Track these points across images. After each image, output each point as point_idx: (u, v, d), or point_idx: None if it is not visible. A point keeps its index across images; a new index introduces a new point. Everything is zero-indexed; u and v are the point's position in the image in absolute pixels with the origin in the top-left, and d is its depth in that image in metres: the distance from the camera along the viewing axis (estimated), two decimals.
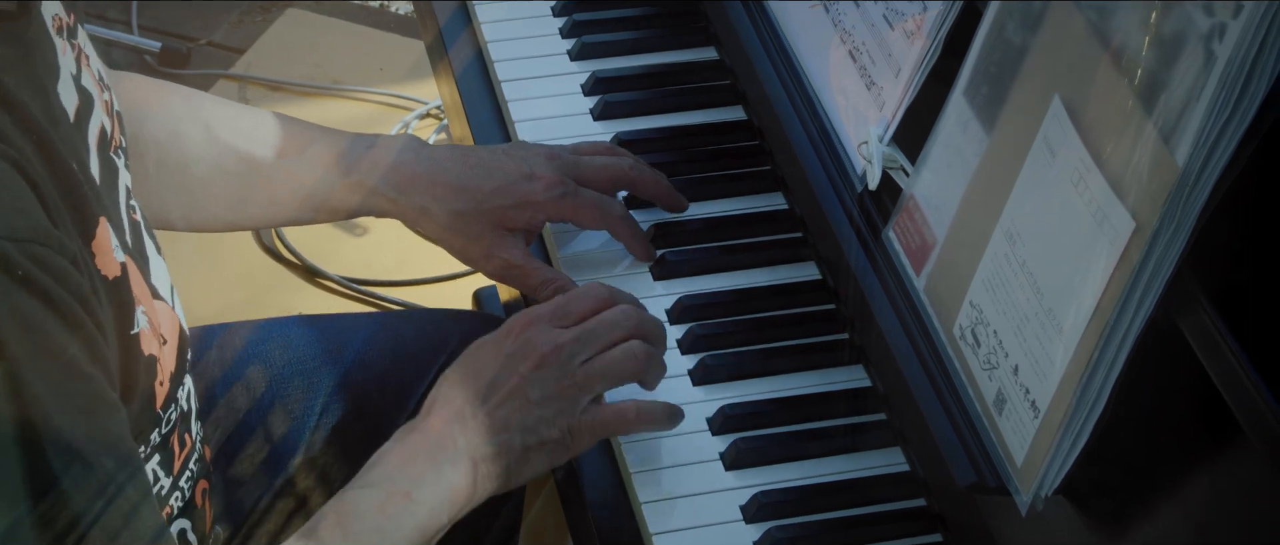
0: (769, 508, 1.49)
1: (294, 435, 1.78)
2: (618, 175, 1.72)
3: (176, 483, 1.48)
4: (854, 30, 1.65)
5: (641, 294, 1.66)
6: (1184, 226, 1.23)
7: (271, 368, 1.80)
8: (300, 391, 1.80)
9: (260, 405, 1.78)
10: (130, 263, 1.36)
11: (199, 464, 1.52)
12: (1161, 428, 1.31)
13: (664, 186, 1.73)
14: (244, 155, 1.70)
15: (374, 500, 1.44)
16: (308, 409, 1.79)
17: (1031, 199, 1.36)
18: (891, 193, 1.56)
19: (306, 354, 1.82)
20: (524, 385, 1.48)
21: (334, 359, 1.82)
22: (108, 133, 1.42)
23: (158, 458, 1.44)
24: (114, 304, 1.32)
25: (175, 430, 1.46)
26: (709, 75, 1.89)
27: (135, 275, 1.37)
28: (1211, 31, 1.20)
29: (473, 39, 1.95)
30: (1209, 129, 1.20)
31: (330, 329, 1.86)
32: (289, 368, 1.81)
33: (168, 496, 1.47)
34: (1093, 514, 1.33)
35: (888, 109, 1.58)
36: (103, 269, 1.31)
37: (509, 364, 1.49)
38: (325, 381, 1.81)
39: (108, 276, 1.32)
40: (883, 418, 1.56)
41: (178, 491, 1.48)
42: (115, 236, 1.34)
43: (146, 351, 1.37)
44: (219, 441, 1.76)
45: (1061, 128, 1.32)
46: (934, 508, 1.49)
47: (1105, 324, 1.27)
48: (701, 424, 1.56)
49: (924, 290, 1.49)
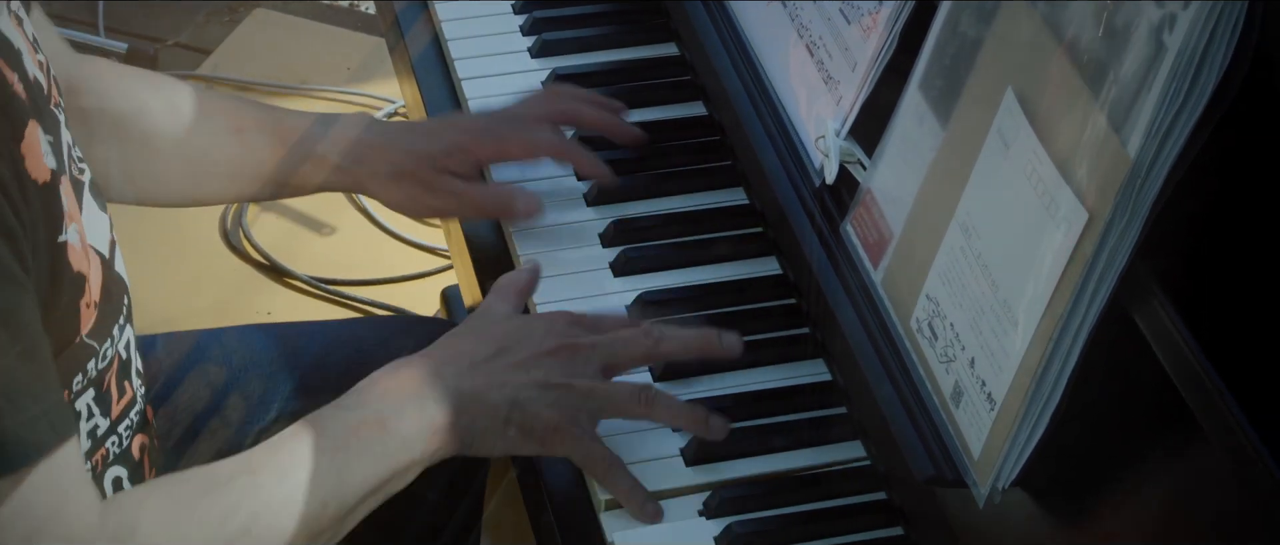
0: (729, 503, 1.49)
1: (244, 433, 1.79)
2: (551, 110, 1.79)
3: (114, 428, 1.48)
4: (811, 25, 1.65)
5: (601, 290, 1.66)
6: (1137, 217, 1.23)
7: (229, 369, 1.82)
8: (256, 393, 1.81)
9: (215, 404, 1.79)
10: (66, 181, 1.38)
11: (139, 417, 1.53)
12: (1118, 420, 1.31)
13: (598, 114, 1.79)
14: (207, 131, 1.75)
15: (347, 422, 1.44)
16: (263, 410, 1.80)
17: (986, 192, 1.36)
18: (849, 187, 1.56)
19: (264, 357, 1.83)
20: (534, 362, 1.49)
21: (292, 362, 1.83)
22: (41, 84, 1.43)
23: (92, 393, 1.44)
24: (42, 206, 1.33)
25: (113, 371, 1.46)
26: (669, 72, 1.89)
27: (69, 194, 1.38)
28: (1162, 22, 1.20)
29: (434, 38, 1.95)
30: (1160, 120, 1.20)
31: (289, 333, 1.87)
32: (246, 370, 1.82)
33: (103, 438, 1.47)
34: (1050, 506, 1.33)
35: (845, 103, 1.59)
36: (31, 172, 1.32)
37: (527, 340, 1.50)
38: (282, 385, 1.82)
39: (36, 179, 1.33)
40: (843, 412, 1.56)
41: (114, 436, 1.49)
42: (48, 146, 1.36)
43: (75, 267, 1.38)
44: (175, 437, 1.76)
45: (1014, 120, 1.33)
46: (894, 501, 1.49)
47: (1060, 316, 1.27)
48: None
49: (881, 283, 1.49)
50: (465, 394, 1.47)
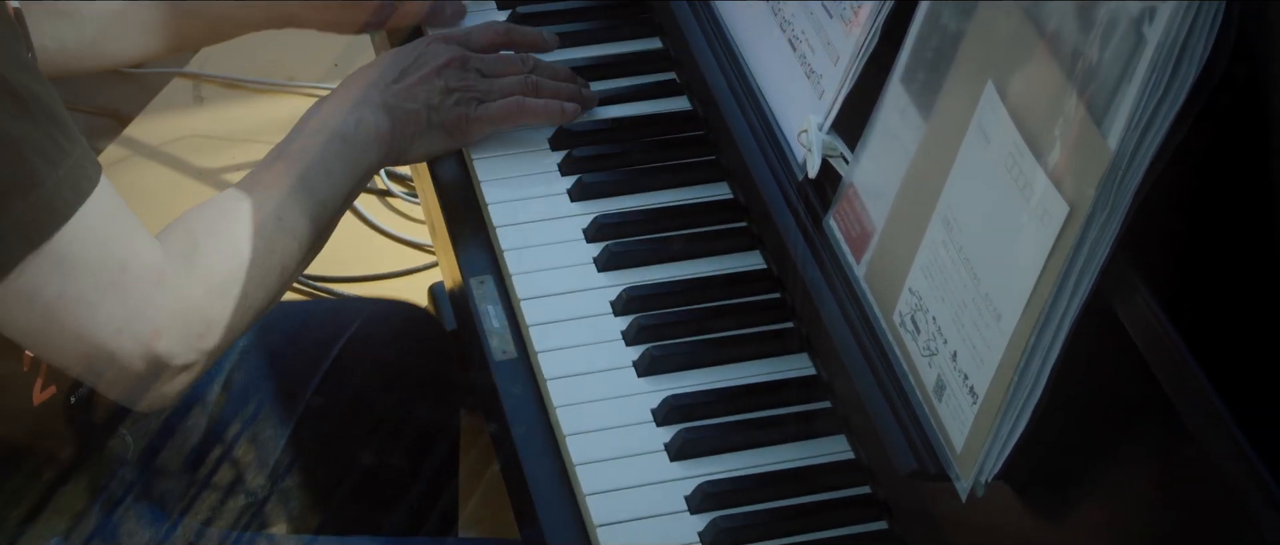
0: (714, 497, 1.49)
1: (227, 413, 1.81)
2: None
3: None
4: (794, 19, 1.65)
5: (586, 286, 1.66)
6: (1118, 210, 1.23)
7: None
8: (232, 368, 1.83)
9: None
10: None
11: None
12: (1100, 412, 1.31)
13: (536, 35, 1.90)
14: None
15: (315, 143, 1.68)
16: (242, 395, 1.82)
17: (967, 185, 1.36)
18: (832, 181, 1.56)
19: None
20: (433, 75, 1.75)
21: (263, 333, 1.89)
22: None
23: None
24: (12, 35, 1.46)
25: None
26: (653, 67, 1.89)
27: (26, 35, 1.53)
28: (1142, 15, 1.20)
29: (417, 33, 1.95)
30: (1141, 112, 1.20)
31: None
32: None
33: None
34: (1033, 499, 1.33)
35: (827, 97, 1.59)
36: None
37: (420, 59, 1.76)
38: (253, 356, 1.87)
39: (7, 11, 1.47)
40: (827, 406, 1.56)
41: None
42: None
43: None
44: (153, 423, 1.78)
45: (995, 113, 1.33)
46: (879, 495, 1.49)
47: (1041, 309, 1.27)
48: (646, 415, 1.56)
49: (864, 277, 1.49)
50: (389, 107, 1.72)
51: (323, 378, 1.90)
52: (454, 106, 1.76)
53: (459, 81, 1.76)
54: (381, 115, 1.71)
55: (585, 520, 1.48)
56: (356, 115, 1.70)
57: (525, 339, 1.63)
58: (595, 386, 1.57)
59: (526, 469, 1.53)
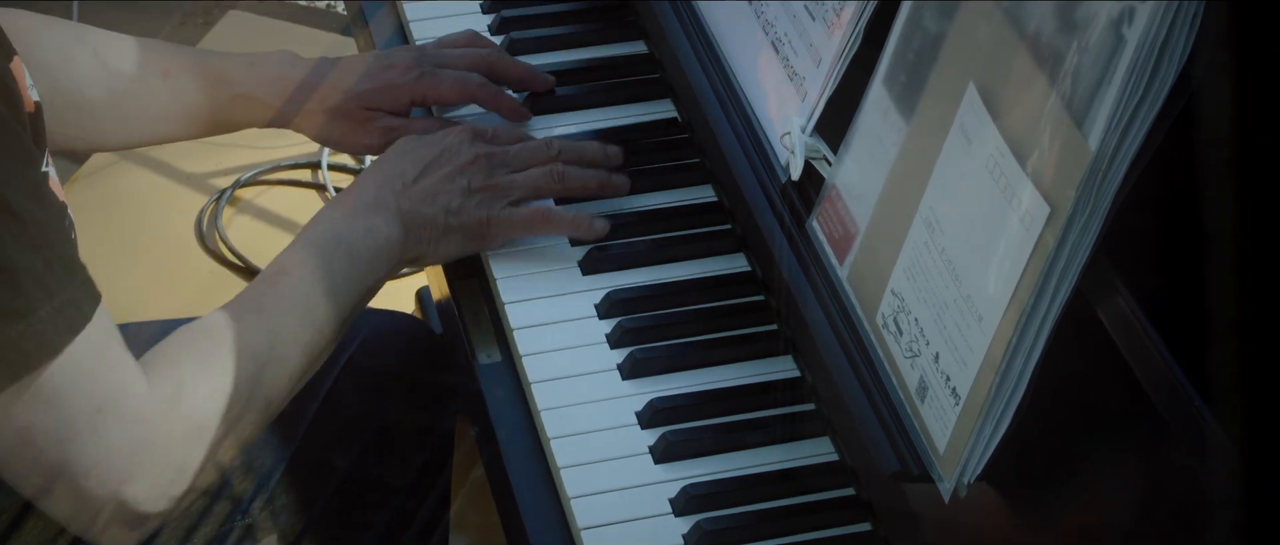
0: (698, 500, 1.49)
1: None
2: (477, 61, 1.82)
3: None
4: (777, 22, 1.66)
5: (570, 288, 1.66)
6: (1098, 211, 1.23)
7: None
8: None
9: None
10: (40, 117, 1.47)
11: None
12: (1081, 413, 1.31)
13: (525, 68, 1.83)
14: (135, 78, 1.80)
15: (321, 258, 1.60)
16: None
17: (949, 186, 1.36)
18: (815, 183, 1.56)
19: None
20: (455, 174, 1.66)
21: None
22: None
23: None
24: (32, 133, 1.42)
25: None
26: (638, 70, 1.89)
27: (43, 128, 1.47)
28: (1121, 15, 1.21)
29: (402, 38, 1.95)
30: (1120, 113, 1.21)
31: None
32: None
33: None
34: (1016, 499, 1.33)
35: (810, 99, 1.59)
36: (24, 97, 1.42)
37: (442, 157, 1.67)
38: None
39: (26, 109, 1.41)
40: (811, 408, 1.56)
41: None
42: (31, 79, 1.45)
43: (59, 198, 1.46)
44: None
45: (977, 115, 1.33)
46: (863, 496, 1.49)
47: (1023, 310, 1.27)
48: (630, 418, 1.56)
49: (847, 279, 1.49)
50: (405, 213, 1.64)
51: (323, 390, 1.86)
52: (476, 208, 1.66)
53: (483, 181, 1.67)
54: (395, 224, 1.63)
55: (570, 523, 1.49)
56: (368, 223, 1.62)
57: (510, 342, 1.63)
58: (580, 389, 1.57)
59: (511, 472, 1.53)
